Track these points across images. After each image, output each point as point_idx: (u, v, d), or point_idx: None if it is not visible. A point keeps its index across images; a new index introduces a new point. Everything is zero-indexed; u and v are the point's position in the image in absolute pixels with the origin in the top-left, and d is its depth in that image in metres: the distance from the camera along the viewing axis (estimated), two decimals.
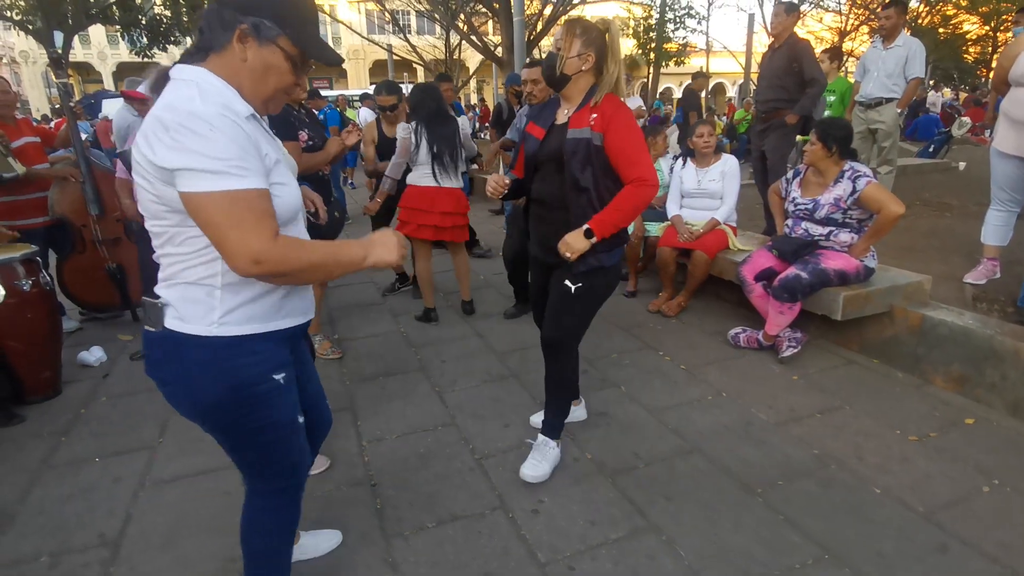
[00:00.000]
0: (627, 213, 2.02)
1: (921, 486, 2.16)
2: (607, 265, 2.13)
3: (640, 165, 2.01)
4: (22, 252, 2.93)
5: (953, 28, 20.18)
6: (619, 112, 2.01)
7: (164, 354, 1.24)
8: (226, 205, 1.07)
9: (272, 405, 1.30)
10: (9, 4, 13.16)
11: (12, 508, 2.19)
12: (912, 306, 3.06)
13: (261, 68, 1.21)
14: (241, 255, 1.08)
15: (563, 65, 2.03)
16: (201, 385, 1.23)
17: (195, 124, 1.07)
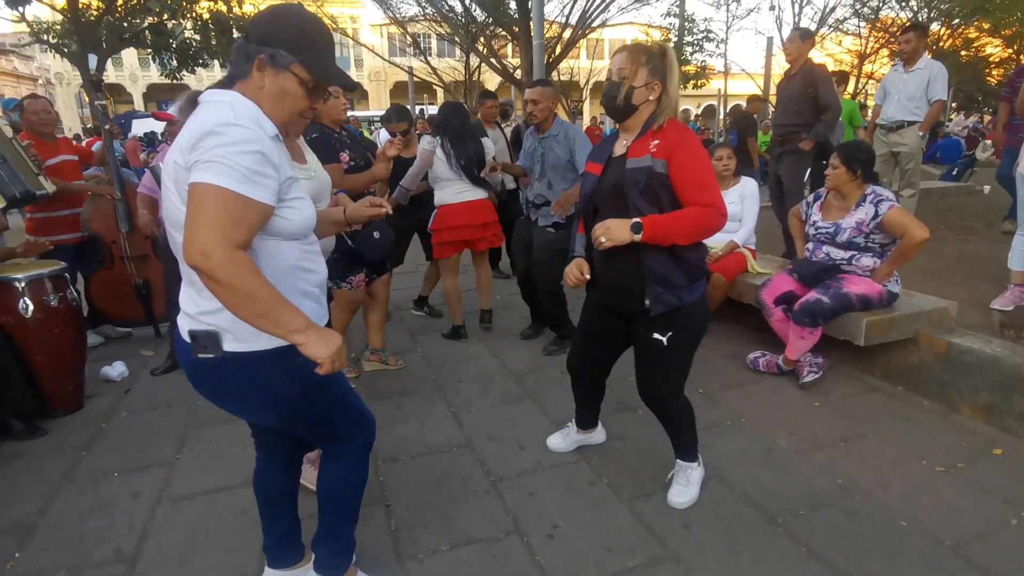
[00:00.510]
0: (686, 227, 1.85)
1: (949, 518, 2.10)
2: (688, 302, 1.95)
3: (710, 190, 1.86)
4: (51, 268, 3.01)
5: (975, 51, 20.04)
6: (684, 136, 1.89)
7: (231, 376, 1.36)
8: (216, 198, 1.15)
9: (335, 381, 1.48)
10: (46, 28, 13.68)
11: (33, 521, 2.21)
12: (937, 332, 2.99)
13: (277, 93, 1.33)
14: (196, 242, 1.13)
15: (631, 95, 1.92)
16: (280, 389, 1.39)
17: (224, 130, 1.18)
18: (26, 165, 3.39)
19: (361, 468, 1.70)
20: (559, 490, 2.33)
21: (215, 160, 1.16)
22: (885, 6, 18.63)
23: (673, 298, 1.92)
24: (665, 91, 1.92)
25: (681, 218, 1.84)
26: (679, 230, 1.84)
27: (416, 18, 16.70)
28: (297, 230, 1.35)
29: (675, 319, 1.96)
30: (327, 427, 1.58)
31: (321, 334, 1.27)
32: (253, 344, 1.32)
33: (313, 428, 1.58)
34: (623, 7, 14.77)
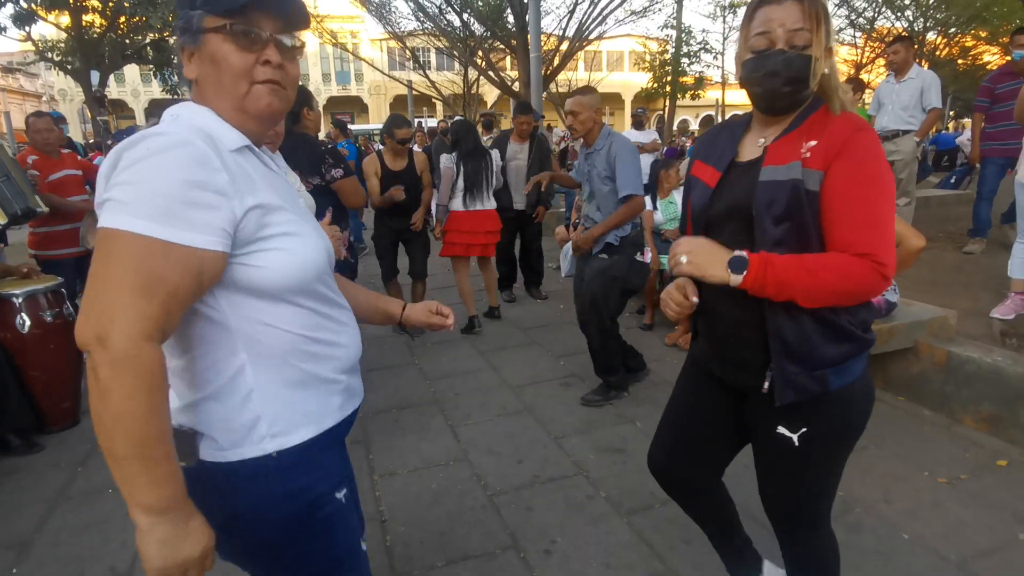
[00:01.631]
0: (820, 284, 1.13)
1: (953, 533, 2.07)
2: (835, 388, 1.24)
3: (877, 232, 1.12)
4: (47, 284, 3.00)
5: (973, 59, 20.12)
6: (862, 137, 1.15)
7: (206, 493, 0.91)
8: (116, 248, 0.77)
9: (334, 533, 1.02)
10: (51, 46, 13.84)
11: (30, 537, 2.20)
12: (938, 342, 2.98)
13: (208, 69, 0.91)
14: (91, 322, 0.76)
15: (816, 74, 1.18)
16: (259, 522, 0.95)
17: (139, 148, 0.80)
18: (26, 183, 3.41)
19: None
20: (557, 505, 2.30)
21: (120, 187, 0.79)
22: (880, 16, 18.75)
23: (812, 383, 1.23)
24: (830, 60, 1.22)
25: (815, 268, 1.13)
26: (807, 284, 1.13)
27: (415, 32, 16.82)
28: (283, 283, 0.91)
29: (814, 412, 1.28)
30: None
31: (176, 529, 0.81)
32: (228, 452, 0.91)
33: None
34: (620, 19, 14.89)
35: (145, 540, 0.81)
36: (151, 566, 0.82)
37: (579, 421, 2.94)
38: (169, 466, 0.81)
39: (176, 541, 0.81)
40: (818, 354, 1.22)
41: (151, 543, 0.81)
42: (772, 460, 1.40)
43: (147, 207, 0.78)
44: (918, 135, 4.83)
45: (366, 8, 16.83)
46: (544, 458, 2.63)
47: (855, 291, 1.15)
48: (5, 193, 3.26)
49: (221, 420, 0.91)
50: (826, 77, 1.21)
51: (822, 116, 1.21)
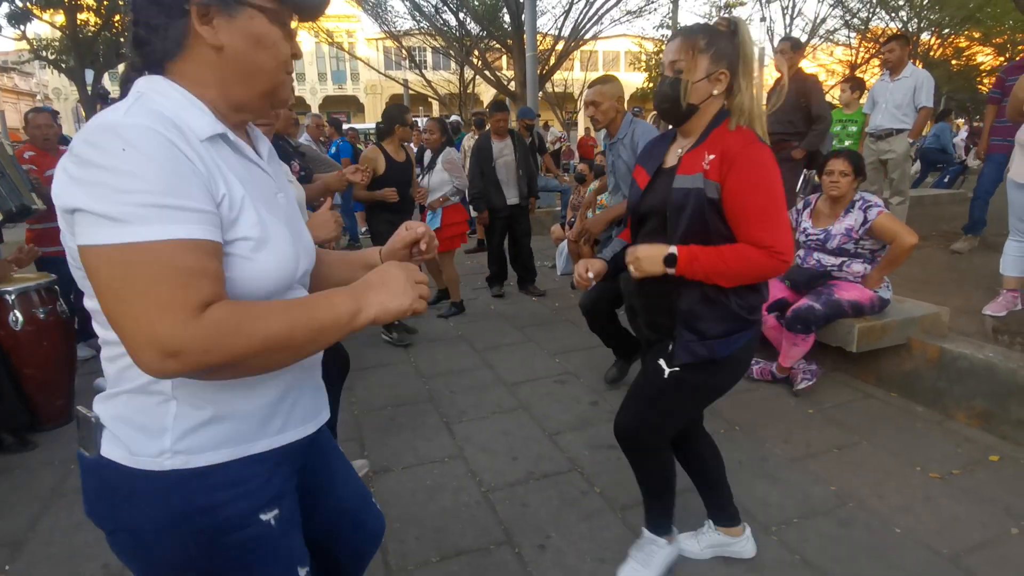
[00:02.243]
0: (733, 268, 1.45)
1: (945, 527, 2.08)
2: (720, 356, 1.54)
3: (769, 227, 1.43)
4: (40, 281, 2.99)
5: (966, 60, 20.21)
6: (749, 150, 1.43)
7: (103, 491, 0.85)
8: (124, 266, 0.70)
9: (255, 560, 0.89)
10: (46, 45, 13.77)
11: (22, 536, 2.19)
12: (930, 338, 3.00)
13: (247, 46, 0.83)
14: (144, 345, 0.69)
15: (689, 93, 1.48)
16: (153, 539, 0.84)
17: (104, 141, 0.71)
18: (22, 182, 3.40)
19: None
20: (552, 501, 2.31)
21: (102, 199, 0.69)
22: (875, 17, 18.82)
23: (703, 349, 1.53)
24: (736, 82, 1.49)
25: (729, 257, 1.45)
26: (723, 270, 1.46)
27: (411, 32, 16.81)
28: (266, 282, 0.84)
29: (695, 366, 1.57)
30: None
31: (375, 288, 0.85)
32: (132, 456, 0.82)
33: None
34: (616, 19, 14.90)
35: (385, 314, 0.84)
36: (406, 306, 0.86)
37: (574, 418, 2.95)
38: (317, 303, 0.81)
39: (388, 289, 0.85)
40: (709, 328, 1.53)
41: (387, 309, 0.84)
42: (643, 383, 1.69)
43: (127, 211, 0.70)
44: (911, 135, 4.84)
45: (362, 7, 16.80)
46: (539, 454, 2.64)
47: (759, 274, 1.48)
48: (0, 191, 3.25)
49: (128, 422, 0.83)
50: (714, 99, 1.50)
51: (722, 131, 1.49)
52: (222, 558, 0.86)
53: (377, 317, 0.84)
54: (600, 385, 3.31)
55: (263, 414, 0.89)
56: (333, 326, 0.80)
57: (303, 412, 0.96)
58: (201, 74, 0.83)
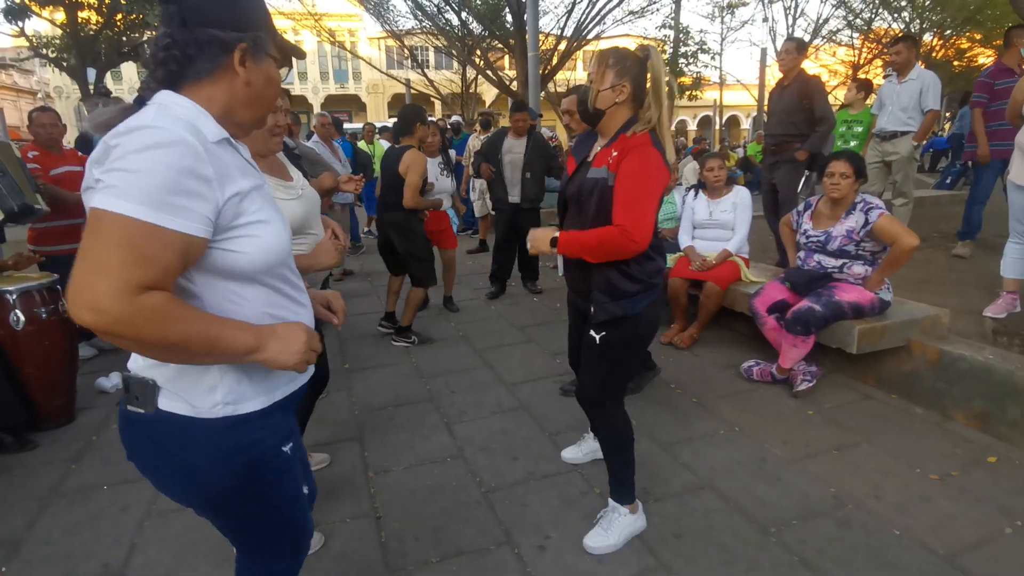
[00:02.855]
0: (591, 245, 1.81)
1: (942, 527, 2.09)
2: (631, 314, 1.87)
3: (631, 212, 1.74)
4: (42, 281, 3.00)
5: (968, 61, 20.19)
6: (638, 150, 1.76)
7: (158, 440, 1.05)
8: (111, 230, 0.85)
9: (282, 481, 1.16)
10: (46, 42, 13.76)
11: (20, 536, 2.19)
12: (930, 340, 3.00)
13: (263, 86, 1.08)
14: (80, 293, 0.83)
15: (595, 99, 1.84)
16: (208, 472, 1.06)
17: (131, 137, 0.88)
18: (25, 182, 3.41)
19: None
20: (551, 501, 2.31)
21: (114, 175, 0.86)
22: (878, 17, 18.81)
23: (616, 308, 1.87)
24: (642, 96, 1.83)
25: (592, 237, 1.80)
26: (588, 247, 1.82)
27: (413, 31, 16.81)
28: (256, 266, 1.02)
29: (611, 325, 1.90)
30: (249, 536, 1.23)
31: (277, 338, 1.03)
32: (193, 408, 1.03)
33: (238, 534, 1.23)
34: (618, 19, 14.89)
35: (272, 363, 1.02)
36: (288, 366, 1.03)
37: (573, 418, 2.95)
38: (231, 328, 0.97)
39: (285, 344, 1.03)
40: (618, 290, 1.86)
41: (275, 360, 1.02)
42: (586, 355, 2.01)
43: (142, 193, 0.85)
44: (916, 138, 4.81)
45: (364, 7, 16.80)
46: (539, 455, 2.64)
47: (615, 250, 1.79)
48: (1, 190, 3.26)
49: (183, 381, 1.02)
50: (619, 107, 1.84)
51: (625, 135, 1.82)
52: (258, 482, 1.11)
53: (265, 361, 1.01)
54: None
55: (281, 372, 1.11)
56: (230, 352, 0.98)
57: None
58: (214, 96, 1.03)
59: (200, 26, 1.00)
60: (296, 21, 17.01)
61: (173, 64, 1.00)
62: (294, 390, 1.18)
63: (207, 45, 1.00)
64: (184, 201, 0.88)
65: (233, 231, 0.98)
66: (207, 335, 0.93)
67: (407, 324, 4.12)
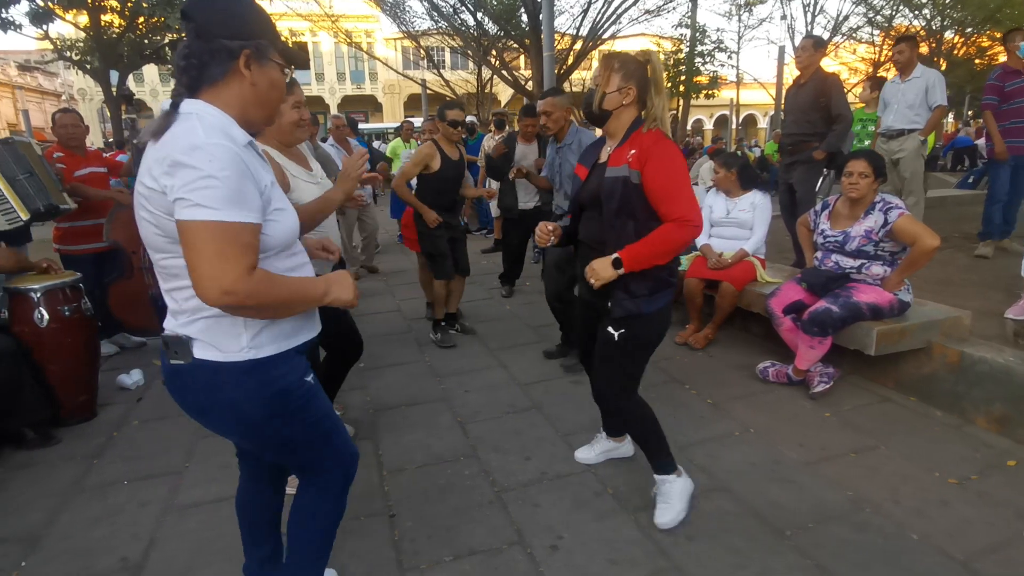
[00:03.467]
0: (659, 250, 1.88)
1: (960, 532, 2.05)
2: (646, 312, 1.96)
3: (680, 202, 1.86)
4: (65, 279, 3.06)
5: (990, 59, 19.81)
6: (658, 145, 1.88)
7: (199, 384, 1.29)
8: (214, 234, 1.11)
9: (310, 402, 1.40)
10: (70, 45, 14.02)
11: (41, 530, 2.24)
12: (950, 342, 2.95)
13: (267, 88, 1.28)
14: (212, 284, 1.11)
15: (602, 101, 1.95)
16: (245, 405, 1.29)
17: (196, 156, 1.11)
18: (51, 181, 3.48)
19: (336, 503, 1.57)
20: (564, 501, 2.31)
21: (198, 193, 1.10)
22: (898, 14, 18.52)
23: (632, 305, 1.94)
24: (645, 97, 1.94)
25: (652, 241, 1.87)
26: (650, 252, 1.88)
27: (429, 32, 16.88)
28: (277, 244, 1.29)
29: (628, 322, 1.97)
30: (300, 455, 1.47)
31: (336, 284, 1.35)
32: (223, 354, 1.26)
33: (284, 454, 1.47)
34: (634, 18, 14.84)
35: (337, 300, 1.35)
36: (348, 299, 1.36)
37: (587, 419, 2.95)
38: (306, 284, 1.32)
39: (341, 288, 1.36)
40: (636, 289, 1.94)
41: (340, 296, 1.35)
42: (602, 352, 2.07)
43: (226, 202, 1.11)
44: (922, 133, 4.80)
45: (381, 8, 16.90)
46: (552, 455, 2.64)
47: (681, 241, 1.87)
48: (27, 189, 3.34)
49: (216, 333, 1.26)
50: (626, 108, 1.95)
51: (639, 133, 1.93)
52: (289, 406, 1.35)
53: (334, 300, 1.35)
54: None
55: (297, 322, 1.37)
56: (312, 298, 1.32)
57: (314, 322, 1.47)
58: (230, 99, 1.25)
59: (212, 38, 1.21)
60: (314, 23, 17.17)
61: (193, 71, 1.22)
62: (307, 339, 1.42)
63: (217, 53, 1.21)
64: (248, 198, 1.16)
65: (266, 218, 1.23)
66: (297, 289, 1.28)
67: (440, 317, 4.21)
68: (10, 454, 2.78)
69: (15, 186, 3.30)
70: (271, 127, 2.10)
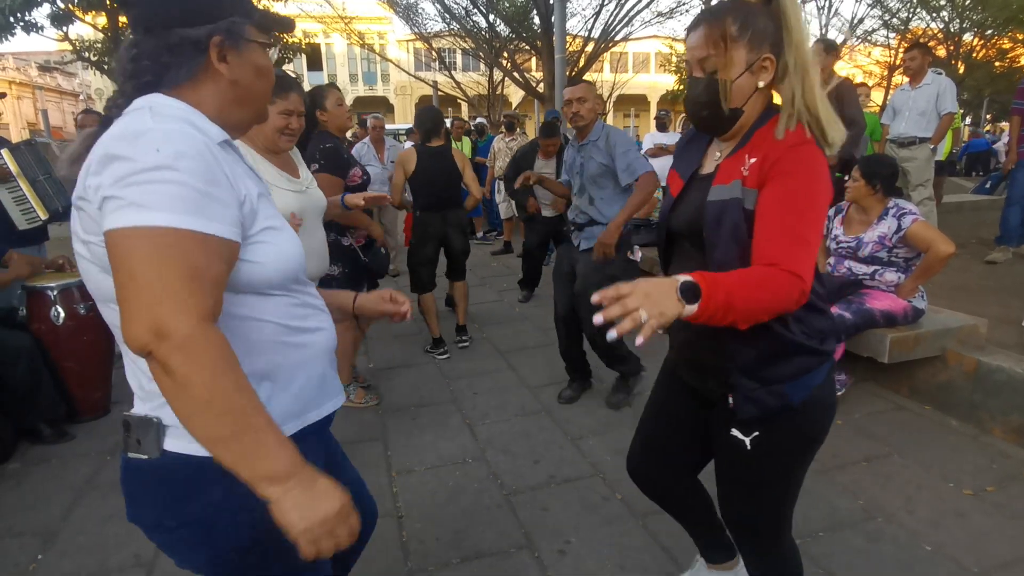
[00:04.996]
0: (760, 297, 1.05)
1: (976, 544, 2.02)
2: (796, 402, 1.22)
3: (801, 251, 1.08)
4: (80, 278, 3.10)
5: (1010, 61, 19.55)
6: (796, 151, 1.12)
7: (165, 490, 0.89)
8: (150, 247, 0.73)
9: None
10: (88, 46, 14.22)
11: (56, 526, 2.27)
12: (966, 350, 2.91)
13: (252, 78, 0.95)
14: (140, 320, 0.72)
15: (731, 95, 1.18)
16: (225, 524, 0.89)
17: (139, 144, 0.77)
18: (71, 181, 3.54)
19: None
20: (573, 505, 2.31)
21: (136, 189, 0.74)
22: (915, 17, 18.32)
23: (771, 398, 1.22)
24: (784, 66, 1.16)
25: (759, 282, 1.06)
26: (754, 298, 1.05)
27: (441, 34, 16.93)
28: (273, 276, 0.90)
29: (767, 424, 1.27)
30: None
31: (308, 491, 0.79)
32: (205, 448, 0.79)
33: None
34: (646, 21, 14.78)
35: (281, 510, 0.78)
36: (294, 531, 0.78)
37: (596, 422, 2.94)
38: (275, 431, 0.79)
39: (311, 501, 0.78)
40: (772, 371, 1.22)
41: (287, 510, 0.78)
42: (726, 463, 1.38)
43: (176, 201, 0.75)
44: (932, 141, 4.78)
45: (394, 10, 16.98)
46: (561, 458, 2.64)
47: (777, 308, 1.10)
48: (47, 189, 3.39)
49: None
50: (760, 94, 1.20)
51: (767, 131, 1.18)
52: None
53: (273, 506, 0.78)
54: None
55: (310, 385, 0.97)
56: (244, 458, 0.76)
57: (333, 388, 1.05)
58: (201, 99, 0.91)
59: (165, 28, 0.87)
60: (327, 25, 17.29)
61: (146, 75, 0.88)
62: (330, 411, 1.04)
63: (177, 48, 0.88)
64: (215, 204, 0.79)
65: (249, 238, 0.87)
66: (247, 412, 0.77)
67: (435, 335, 3.98)
68: (27, 449, 2.82)
69: (36, 187, 3.36)
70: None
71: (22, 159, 3.31)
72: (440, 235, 3.92)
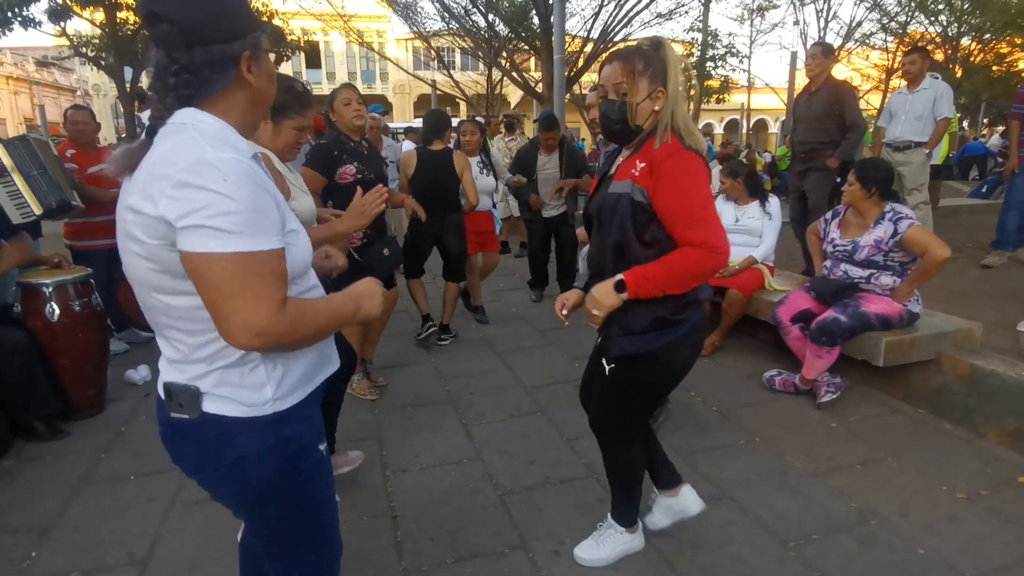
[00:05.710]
0: (674, 275, 1.55)
1: (970, 548, 2.03)
2: (643, 351, 1.67)
3: (702, 226, 1.53)
4: (76, 274, 3.09)
5: (1008, 66, 19.62)
6: (673, 158, 1.54)
7: (206, 443, 1.08)
8: (237, 269, 0.92)
9: (316, 478, 1.20)
10: (85, 42, 14.17)
11: (51, 522, 2.26)
12: (961, 354, 2.92)
13: (267, 83, 1.09)
14: (243, 327, 0.93)
15: (636, 114, 1.60)
16: (255, 469, 1.09)
17: (207, 174, 0.91)
18: (63, 179, 3.52)
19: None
20: (567, 506, 2.31)
21: (216, 219, 0.90)
22: (913, 20, 18.37)
23: (628, 344, 1.67)
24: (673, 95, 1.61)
25: (670, 264, 1.55)
26: (666, 277, 1.56)
27: (440, 33, 16.93)
28: (292, 273, 1.06)
29: (625, 361, 1.72)
30: (287, 541, 1.21)
31: (366, 297, 1.18)
32: (245, 408, 1.06)
33: (273, 535, 1.21)
34: (645, 22, 14.80)
35: (368, 314, 1.18)
36: (375, 310, 1.19)
37: None
38: (335, 298, 1.14)
39: (370, 297, 1.18)
40: (633, 324, 1.66)
41: (371, 311, 1.18)
42: (596, 384, 1.89)
43: (247, 227, 0.92)
44: (928, 146, 4.78)
45: (393, 8, 16.96)
46: (556, 459, 2.64)
47: (702, 270, 1.56)
48: (41, 185, 3.37)
49: (237, 385, 1.06)
50: (661, 112, 1.60)
51: (651, 142, 1.60)
52: (297, 476, 1.14)
53: (366, 314, 1.18)
54: None
55: (312, 362, 1.17)
56: (344, 319, 1.14)
57: (330, 358, 1.25)
58: (230, 107, 1.05)
59: (204, 44, 0.98)
60: (326, 22, 17.26)
61: (188, 88, 0.99)
62: (324, 380, 1.24)
63: (218, 63, 1.00)
64: (270, 219, 0.97)
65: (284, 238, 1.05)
66: (331, 314, 1.09)
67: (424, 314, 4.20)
68: (22, 446, 2.81)
69: (30, 182, 3.35)
70: (264, 134, 1.98)
71: (16, 154, 3.30)
72: (435, 237, 3.99)
